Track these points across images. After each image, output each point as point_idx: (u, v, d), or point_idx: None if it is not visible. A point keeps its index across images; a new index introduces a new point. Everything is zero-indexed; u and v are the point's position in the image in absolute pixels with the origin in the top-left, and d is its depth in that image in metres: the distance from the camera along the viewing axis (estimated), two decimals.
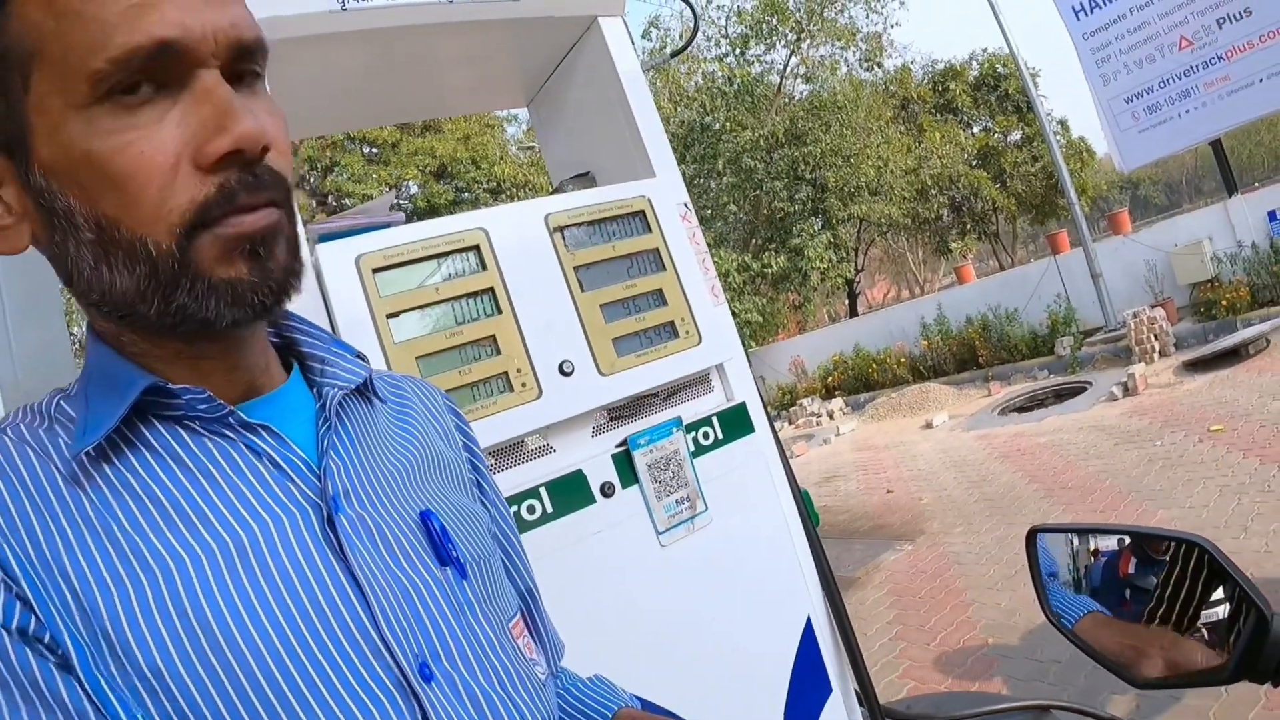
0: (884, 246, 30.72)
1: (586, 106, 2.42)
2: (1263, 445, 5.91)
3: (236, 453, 0.69)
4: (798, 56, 19.25)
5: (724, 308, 2.21)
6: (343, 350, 0.83)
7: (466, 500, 0.88)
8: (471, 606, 0.77)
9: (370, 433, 0.80)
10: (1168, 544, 0.88)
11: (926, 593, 5.32)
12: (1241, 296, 10.21)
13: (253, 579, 0.64)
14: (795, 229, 17.71)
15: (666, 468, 1.99)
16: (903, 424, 12.08)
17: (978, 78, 23.38)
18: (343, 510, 0.70)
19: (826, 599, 2.27)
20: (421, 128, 20.19)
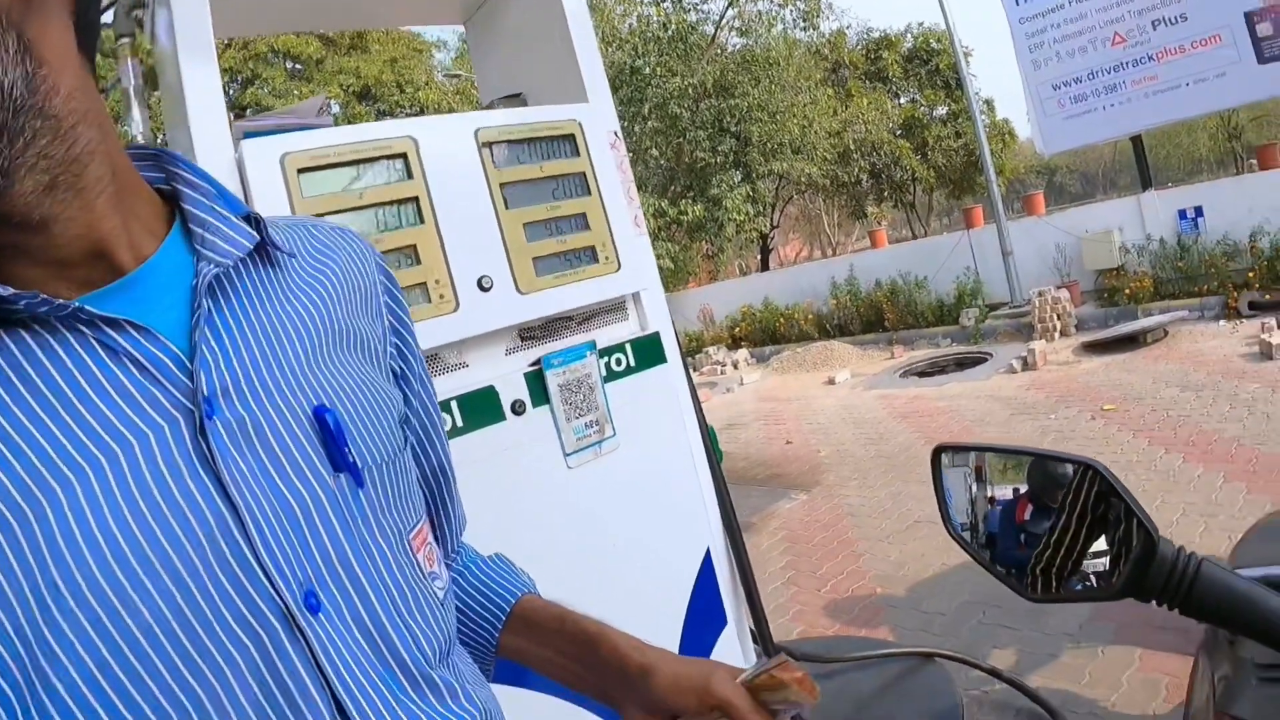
0: (801, 205, 31.00)
1: (524, 29, 2.39)
2: (1151, 428, 6.17)
3: (90, 357, 0.59)
4: (735, 9, 19.12)
5: (645, 238, 2.23)
6: (229, 209, 0.71)
7: (377, 380, 0.78)
8: (366, 520, 0.69)
9: (265, 303, 0.70)
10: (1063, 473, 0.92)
11: (819, 541, 5.45)
12: (1145, 287, 10.58)
13: (115, 511, 0.55)
14: (715, 180, 17.71)
15: (578, 390, 2.01)
16: (806, 379, 12.26)
17: (911, 50, 23.62)
18: (218, 413, 0.62)
19: (726, 534, 2.33)
20: (348, 47, 19.57)
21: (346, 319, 0.78)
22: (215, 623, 0.57)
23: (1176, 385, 7.19)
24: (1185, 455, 5.43)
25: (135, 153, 0.72)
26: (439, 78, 21.34)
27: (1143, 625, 3.37)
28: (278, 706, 0.59)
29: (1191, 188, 12.78)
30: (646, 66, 17.23)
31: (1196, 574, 0.81)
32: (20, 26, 0.55)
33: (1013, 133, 24.64)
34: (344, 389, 0.72)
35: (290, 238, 0.78)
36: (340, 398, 0.71)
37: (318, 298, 0.76)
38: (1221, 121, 27.23)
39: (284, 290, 0.73)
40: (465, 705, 0.75)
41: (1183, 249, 10.49)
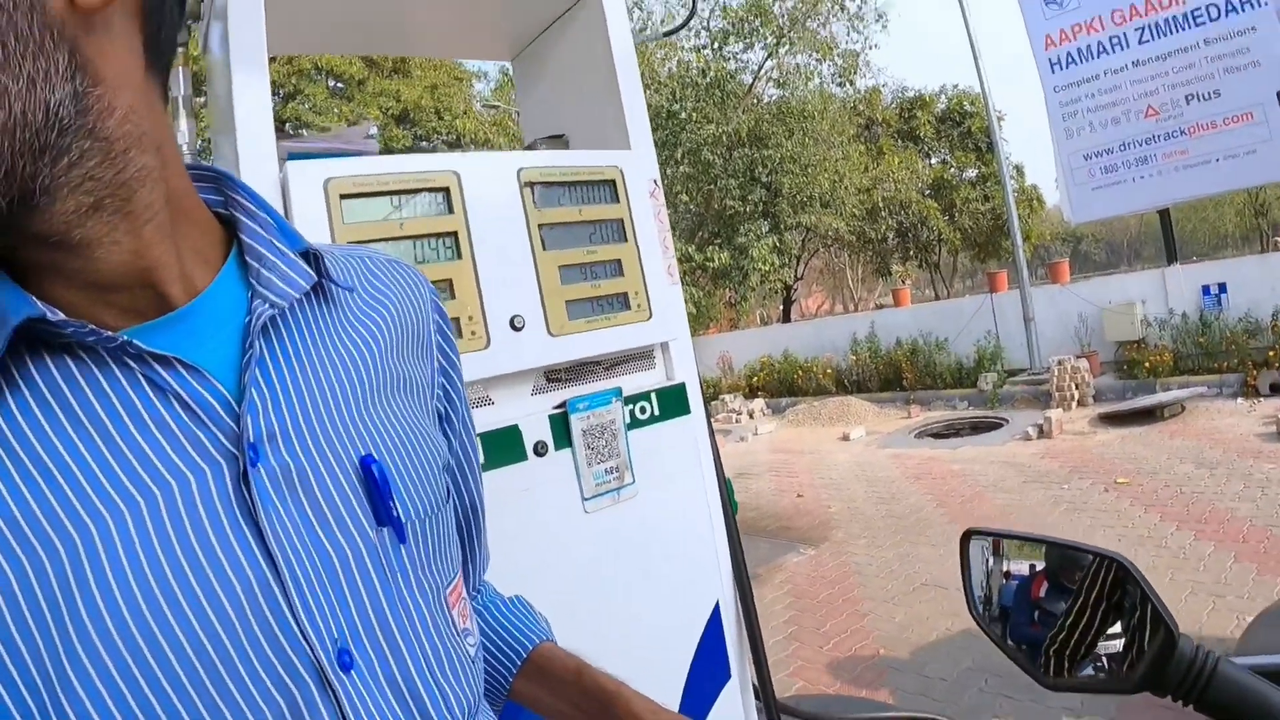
0: (826, 259, 31.12)
1: (571, 70, 2.41)
2: (1164, 503, 6.13)
3: (136, 392, 0.57)
4: (774, 60, 19.31)
5: (677, 288, 2.24)
6: (288, 244, 0.69)
7: (424, 428, 0.76)
8: (405, 576, 0.68)
9: (318, 343, 0.69)
10: (1086, 562, 0.92)
11: (825, 598, 5.42)
12: (1165, 361, 10.57)
13: (150, 554, 0.54)
14: (743, 228, 17.80)
15: (601, 436, 2.00)
16: (821, 433, 12.26)
17: (944, 111, 23.83)
18: (264, 460, 0.60)
19: (736, 587, 2.31)
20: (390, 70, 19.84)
21: (398, 361, 0.76)
22: (245, 675, 0.56)
23: (1191, 462, 7.16)
24: (1197, 533, 5.40)
25: (195, 172, 0.71)
26: (477, 107, 21.59)
27: (1144, 705, 3.32)
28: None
29: (1216, 263, 12.80)
30: (683, 111, 17.38)
31: (1214, 672, 0.81)
32: (75, 42, 0.54)
33: (1041, 199, 24.73)
34: (392, 438, 0.71)
35: (347, 270, 0.77)
36: (388, 447, 0.70)
37: (371, 337, 0.74)
38: (1249, 198, 27.27)
39: (338, 328, 0.72)
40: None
41: (1204, 324, 10.49)
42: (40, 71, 0.52)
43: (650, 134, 2.28)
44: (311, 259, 0.70)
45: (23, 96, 0.51)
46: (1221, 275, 11.24)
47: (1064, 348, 12.05)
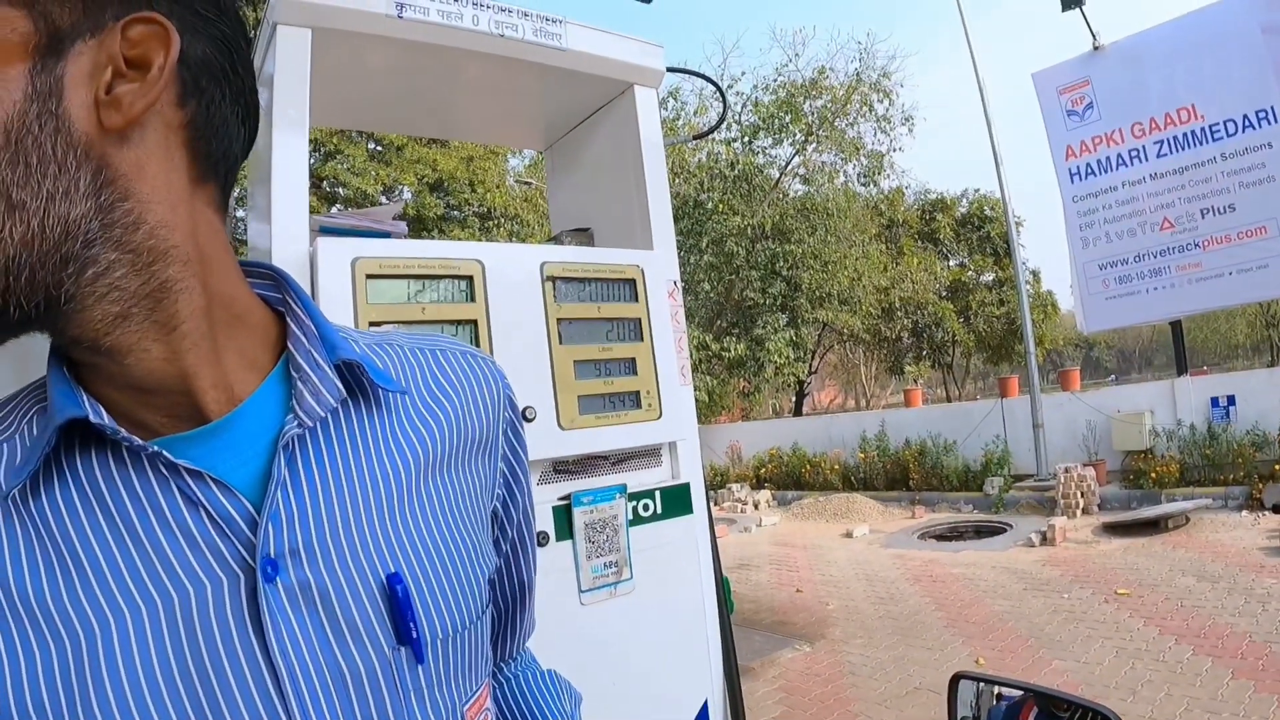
0: (840, 354, 31.18)
1: (601, 165, 2.48)
2: (1164, 616, 6.06)
3: (166, 499, 0.59)
4: (801, 157, 19.63)
5: (689, 389, 2.27)
6: (325, 356, 0.69)
7: (469, 539, 0.75)
8: (420, 694, 0.66)
9: (354, 454, 0.68)
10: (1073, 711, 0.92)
11: (816, 696, 5.34)
12: (1171, 472, 10.54)
13: (160, 652, 0.56)
14: (761, 320, 17.89)
15: (602, 530, 2.02)
16: (824, 528, 12.17)
17: (965, 215, 24.08)
18: (282, 574, 0.61)
19: (726, 688, 2.30)
20: (429, 139, 20.22)
21: (452, 465, 0.75)
22: None
23: (1193, 575, 7.10)
24: (1195, 647, 5.34)
25: (253, 269, 0.72)
26: (510, 182, 21.92)
27: None
28: None
29: (1226, 375, 12.85)
30: (710, 202, 17.62)
31: None
32: (104, 159, 0.56)
33: (1055, 304, 24.82)
34: (426, 552, 0.70)
35: (412, 365, 0.77)
36: (420, 563, 0.69)
37: (420, 443, 0.73)
38: (1260, 309, 27.31)
39: (381, 435, 0.71)
40: None
41: (1212, 436, 10.51)
42: (60, 189, 0.54)
43: (673, 235, 2.34)
44: (348, 369, 0.70)
45: (40, 212, 0.53)
46: (1231, 387, 11.30)
47: (1071, 455, 12.01)
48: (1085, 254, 12.38)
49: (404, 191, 19.64)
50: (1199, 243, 11.09)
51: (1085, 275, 12.40)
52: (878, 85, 19.36)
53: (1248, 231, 10.61)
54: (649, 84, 2.32)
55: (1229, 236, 10.78)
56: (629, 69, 2.26)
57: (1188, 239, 11.22)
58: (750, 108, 19.03)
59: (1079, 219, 12.46)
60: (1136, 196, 11.79)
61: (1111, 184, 12.09)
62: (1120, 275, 11.98)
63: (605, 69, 2.22)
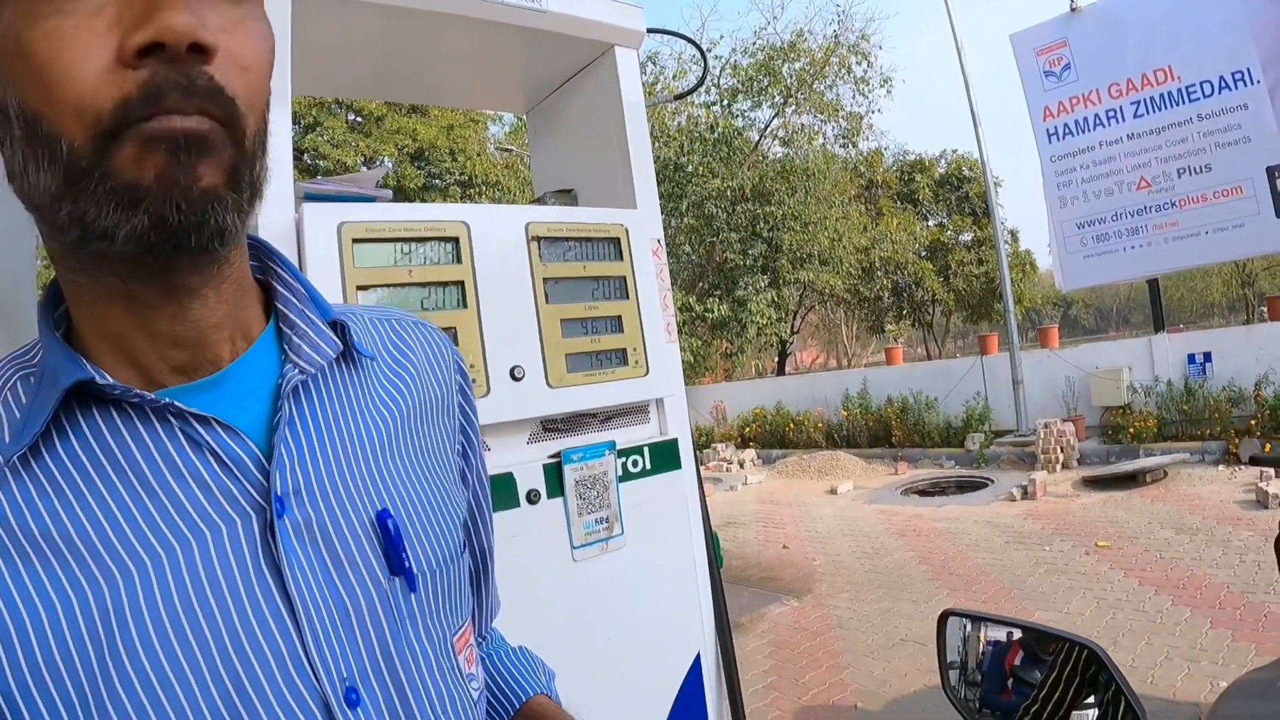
0: (822, 314, 31.27)
1: (583, 127, 2.49)
2: (1144, 568, 6.17)
3: (174, 447, 0.63)
4: (780, 120, 19.53)
5: (674, 345, 2.29)
6: (318, 314, 0.74)
7: (443, 485, 0.81)
8: (414, 621, 0.72)
9: (343, 406, 0.73)
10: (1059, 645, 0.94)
11: (805, 649, 5.43)
12: (1149, 427, 10.68)
13: (183, 594, 0.60)
14: (742, 281, 17.88)
15: (593, 487, 2.05)
16: (809, 486, 12.28)
17: (943, 175, 24.17)
18: (288, 512, 0.65)
19: (718, 640, 2.34)
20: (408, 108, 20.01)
21: (420, 423, 0.80)
22: (260, 707, 0.61)
23: (1171, 527, 7.22)
24: (1174, 598, 5.44)
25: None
26: (491, 150, 21.75)
27: None
28: None
29: (1202, 333, 12.93)
30: (690, 165, 17.54)
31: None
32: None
33: (1034, 264, 24.97)
34: (409, 495, 0.75)
35: (374, 335, 0.81)
36: (404, 504, 0.74)
37: (393, 402, 0.78)
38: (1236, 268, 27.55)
39: (362, 393, 0.75)
40: None
41: (1189, 392, 10.65)
42: None
43: (656, 194, 2.35)
44: (338, 329, 0.74)
45: None
46: (1207, 344, 11.39)
47: (1051, 411, 12.13)
48: (1063, 213, 12.46)
49: (385, 162, 19.48)
50: (1175, 202, 11.20)
51: (1063, 234, 12.49)
52: (856, 48, 19.24)
53: (1224, 191, 10.71)
54: (629, 45, 2.33)
55: (1205, 196, 10.88)
56: (609, 30, 2.26)
57: (1164, 198, 11.32)
58: (729, 71, 18.90)
59: (1057, 179, 12.52)
60: (1114, 156, 11.86)
61: (1089, 144, 12.16)
62: (1098, 234, 12.08)
63: (585, 30, 2.22)
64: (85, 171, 0.55)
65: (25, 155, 0.57)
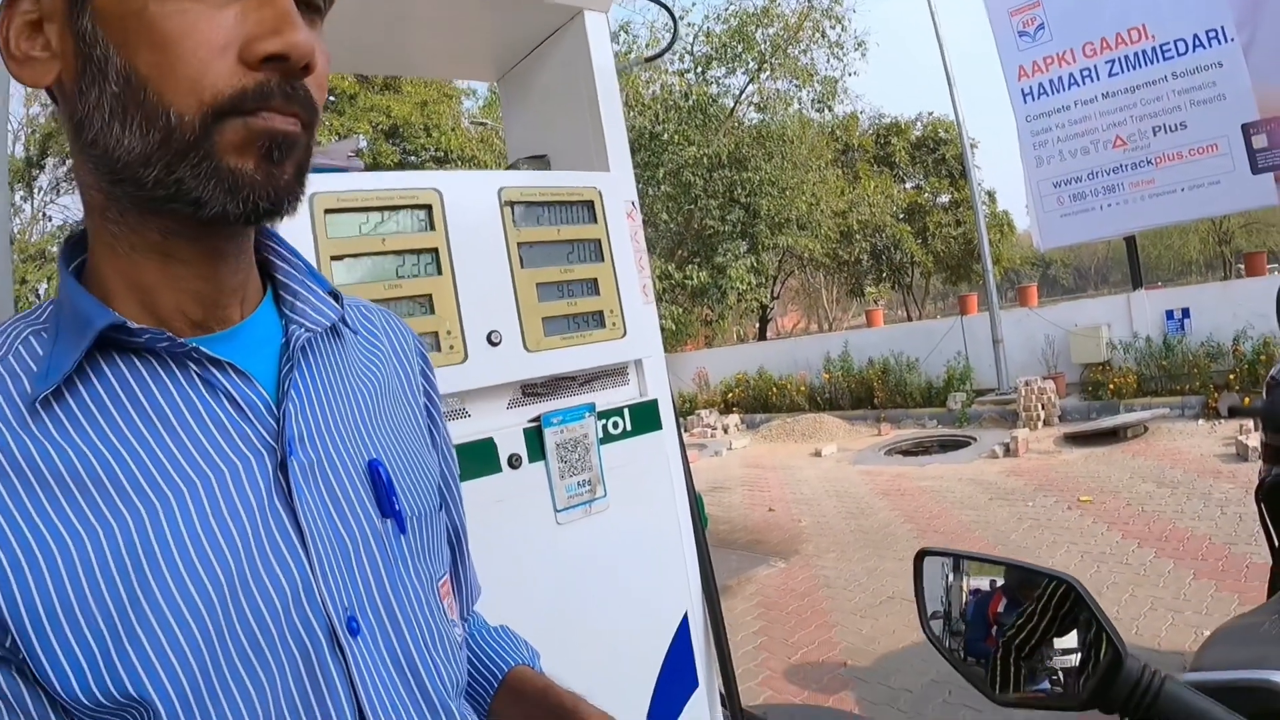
0: (802, 279, 31.32)
1: (554, 92, 2.47)
2: (1126, 521, 6.24)
3: (194, 391, 0.68)
4: (755, 85, 19.48)
5: (652, 306, 2.29)
6: (317, 284, 0.81)
7: (418, 448, 0.87)
8: (405, 561, 0.77)
9: (334, 370, 0.79)
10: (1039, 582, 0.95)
11: (794, 609, 5.47)
12: (1129, 383, 10.76)
13: (206, 526, 0.64)
14: (721, 248, 17.91)
15: (574, 449, 2.06)
16: (793, 449, 12.33)
17: (919, 138, 24.17)
18: (296, 455, 0.70)
19: (705, 599, 2.37)
20: (381, 85, 19.86)
21: (390, 396, 0.86)
22: (273, 629, 0.66)
23: (1153, 481, 7.29)
24: (1157, 550, 5.50)
25: None
26: (465, 124, 21.61)
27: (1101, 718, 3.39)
28: (310, 711, 0.67)
29: (1180, 289, 13.03)
30: (665, 133, 17.49)
31: (1160, 691, 0.83)
32: None
33: (1011, 224, 25.09)
34: (392, 449, 0.81)
35: (350, 316, 0.86)
36: (389, 455, 0.80)
37: (371, 372, 0.85)
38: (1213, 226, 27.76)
39: (346, 361, 0.82)
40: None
41: (1168, 348, 10.72)
42: None
43: (629, 156, 2.34)
44: (336, 298, 0.82)
45: None
46: (1185, 301, 11.48)
47: (1031, 369, 12.23)
48: (1039, 172, 12.53)
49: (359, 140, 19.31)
50: (1151, 160, 11.28)
51: (1040, 193, 12.57)
52: (829, 12, 19.17)
53: (1199, 149, 10.79)
54: (598, 8, 2.31)
55: (1181, 154, 10.96)
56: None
57: (1140, 156, 11.40)
58: (702, 38, 18.81)
59: (1032, 138, 12.60)
60: (1089, 115, 11.92)
61: (1064, 103, 12.22)
62: (1074, 193, 12.15)
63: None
64: (190, 145, 0.61)
65: (114, 111, 0.62)
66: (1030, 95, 12.62)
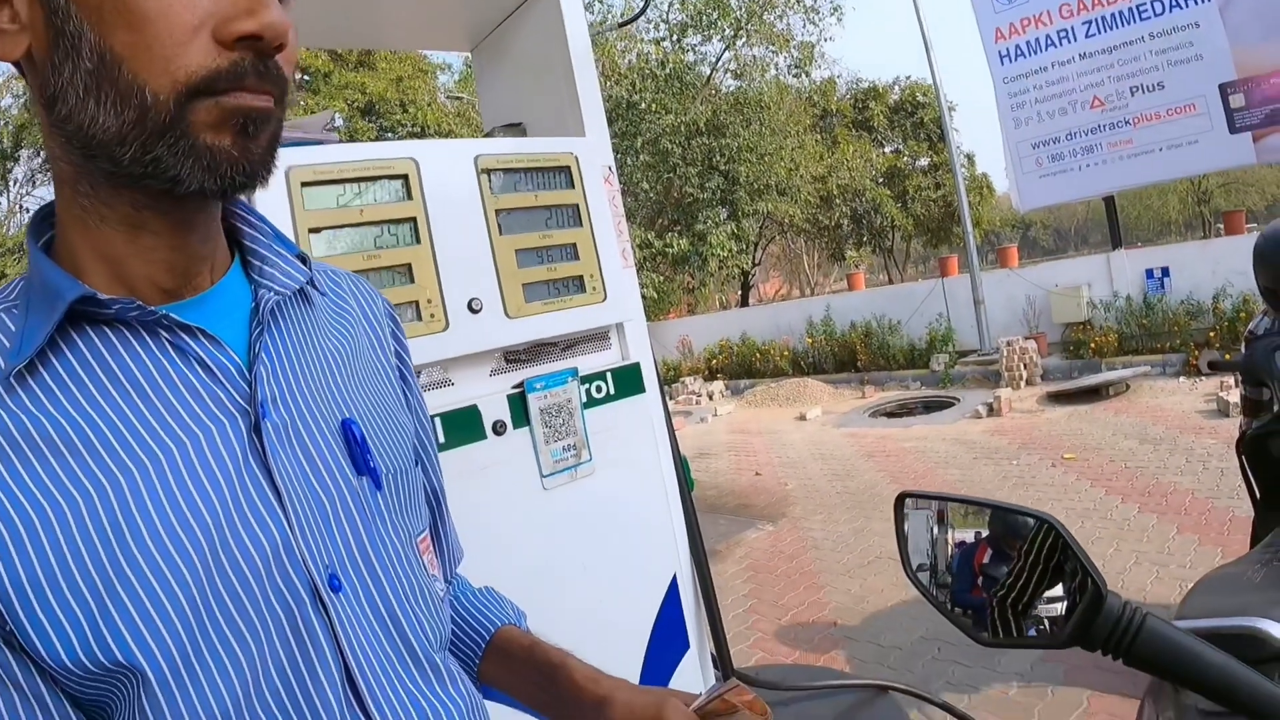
0: (783, 245, 31.32)
1: (528, 61, 2.46)
2: (1109, 477, 6.30)
3: (165, 358, 0.68)
4: (731, 52, 19.41)
5: (631, 270, 2.30)
6: (284, 249, 0.81)
7: (392, 407, 0.88)
8: (382, 517, 0.78)
9: (305, 332, 0.80)
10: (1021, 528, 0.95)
11: (783, 571, 5.53)
12: (1110, 341, 10.84)
13: (184, 490, 0.65)
14: (701, 215, 17.90)
15: (558, 414, 2.07)
16: (778, 413, 12.39)
17: (897, 102, 24.09)
18: (269, 416, 0.71)
19: (693, 561, 2.39)
20: (355, 63, 19.70)
21: (362, 359, 0.87)
22: (256, 589, 0.67)
23: (1135, 438, 7.35)
24: (1141, 506, 5.55)
25: None
26: (441, 99, 21.45)
27: (1092, 668, 3.44)
28: (296, 669, 0.68)
29: (1160, 248, 13.13)
30: (642, 102, 17.43)
31: (1140, 627, 0.83)
32: None
33: (991, 186, 25.10)
34: (365, 409, 0.82)
35: (319, 280, 0.86)
36: (362, 415, 0.81)
37: (341, 335, 0.85)
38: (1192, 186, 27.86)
39: (316, 324, 0.82)
40: (462, 690, 0.83)
41: (1148, 307, 10.80)
42: None
43: (605, 121, 2.34)
44: (304, 261, 0.82)
45: None
46: (1165, 260, 11.54)
47: (1013, 329, 12.31)
48: (1017, 134, 12.55)
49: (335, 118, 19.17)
50: (1129, 120, 11.31)
51: (1018, 155, 12.59)
52: None
53: (1177, 109, 10.83)
54: None
55: (1158, 114, 11.00)
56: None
57: (1118, 116, 11.43)
58: (678, 6, 18.67)
59: (1010, 100, 12.61)
60: (1066, 76, 11.94)
61: (1041, 64, 12.22)
62: (1053, 154, 12.19)
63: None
64: (166, 125, 0.61)
65: (88, 88, 0.62)
66: (1007, 57, 12.63)
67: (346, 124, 19.10)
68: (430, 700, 0.78)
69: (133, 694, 0.63)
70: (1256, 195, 30.80)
